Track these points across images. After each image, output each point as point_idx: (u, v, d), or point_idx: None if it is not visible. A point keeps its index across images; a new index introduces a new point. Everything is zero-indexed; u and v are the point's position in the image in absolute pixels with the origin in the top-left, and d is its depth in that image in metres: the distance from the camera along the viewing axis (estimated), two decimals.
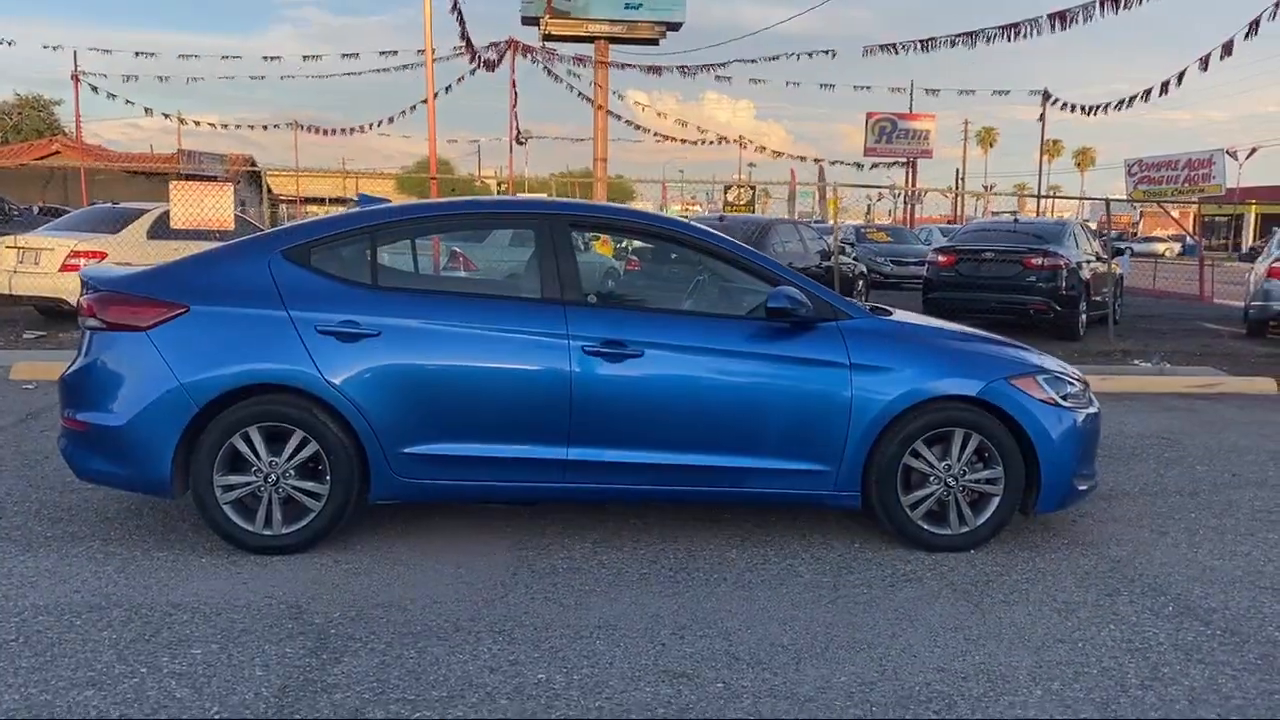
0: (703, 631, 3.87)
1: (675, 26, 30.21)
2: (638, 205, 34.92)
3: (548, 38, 30.35)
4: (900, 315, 5.33)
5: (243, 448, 4.51)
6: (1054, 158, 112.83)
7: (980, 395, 4.77)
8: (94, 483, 4.86)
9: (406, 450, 4.56)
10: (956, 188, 54.10)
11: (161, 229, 12.11)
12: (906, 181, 37.93)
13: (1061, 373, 5.04)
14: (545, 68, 32.27)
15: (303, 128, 49.04)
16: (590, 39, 32.63)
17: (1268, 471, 6.70)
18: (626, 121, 36.87)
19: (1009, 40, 20.01)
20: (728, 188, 49.77)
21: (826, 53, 24.84)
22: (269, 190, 22.89)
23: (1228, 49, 15.04)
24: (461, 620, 3.92)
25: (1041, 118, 37.32)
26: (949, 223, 38.33)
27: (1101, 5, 16.25)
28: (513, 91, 33.35)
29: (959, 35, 20.82)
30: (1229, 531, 5.33)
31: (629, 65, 30.69)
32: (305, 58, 55.12)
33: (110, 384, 4.55)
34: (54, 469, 5.87)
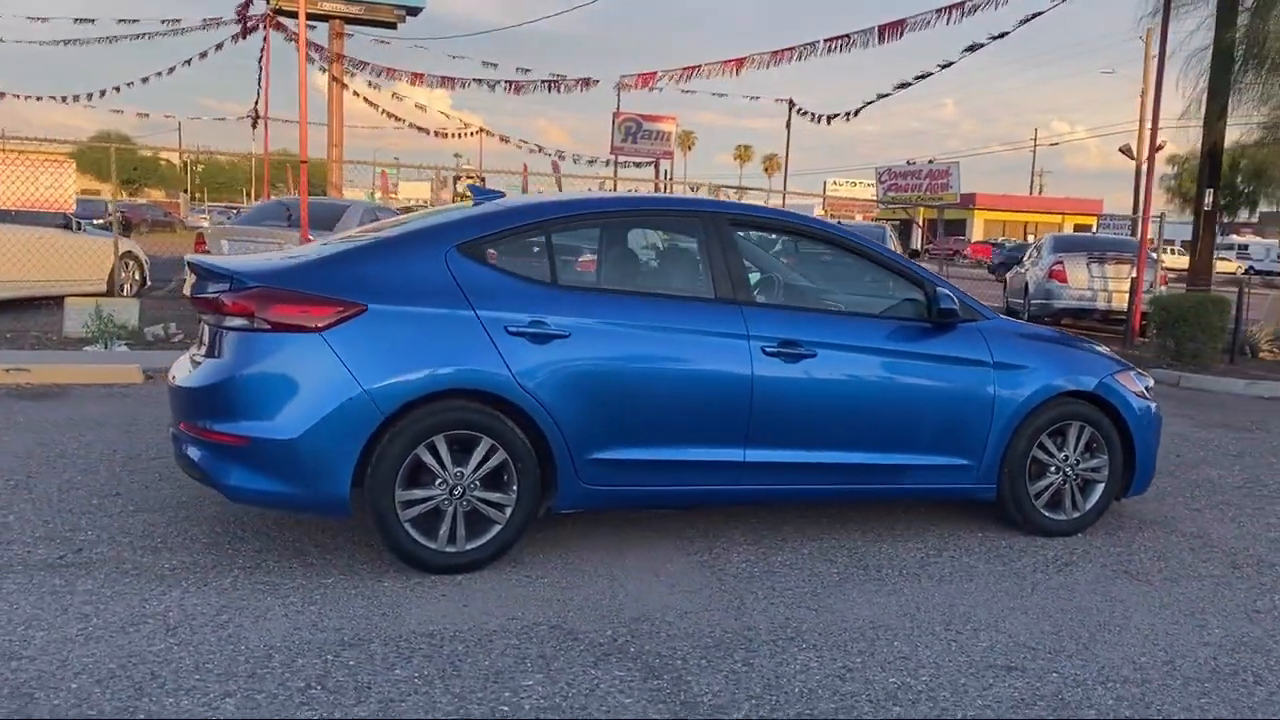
0: (974, 625, 3.97)
1: (415, 11, 29.73)
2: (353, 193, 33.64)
3: (278, 12, 28.92)
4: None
5: (428, 459, 4.13)
6: (745, 162, 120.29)
7: (1095, 390, 5.17)
8: (250, 504, 4.27)
9: (593, 456, 4.35)
10: (664, 188, 56.08)
11: None
12: (656, 180, 38.95)
13: (1141, 370, 5.54)
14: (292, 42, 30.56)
15: None
16: (325, 17, 31.29)
17: None
18: (368, 101, 35.53)
19: (773, 65, 21.27)
20: (457, 178, 49.26)
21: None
22: None
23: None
24: (736, 629, 3.80)
25: (788, 124, 39.64)
26: None
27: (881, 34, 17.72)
28: (265, 72, 31.37)
29: (726, 62, 21.86)
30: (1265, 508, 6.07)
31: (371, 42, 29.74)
32: None
33: (276, 392, 4.01)
34: (144, 486, 5.07)
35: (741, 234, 4.78)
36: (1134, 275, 14.65)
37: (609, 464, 4.38)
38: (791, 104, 31.69)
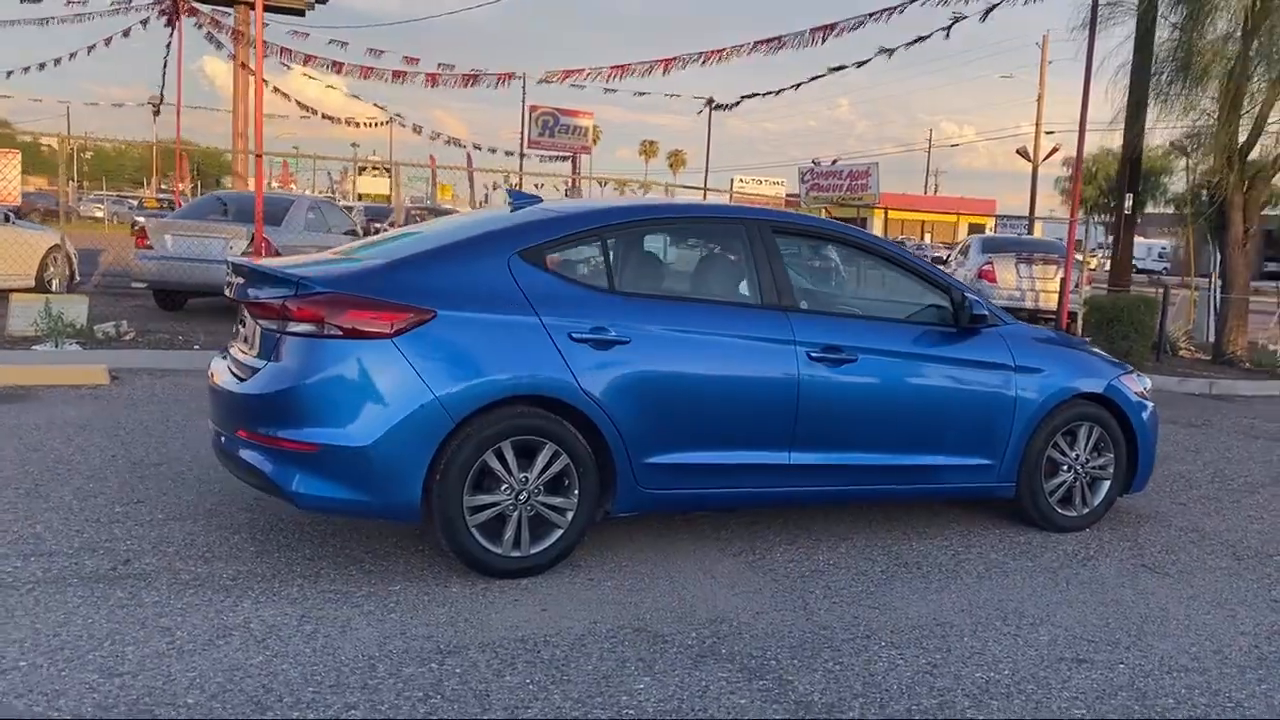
0: (1029, 620, 4.14)
1: None
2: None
3: None
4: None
5: (495, 465, 4.13)
6: (650, 158, 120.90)
7: (1104, 392, 5.42)
8: (317, 511, 4.22)
9: (650, 460, 4.40)
10: (575, 182, 56.12)
11: None
12: (574, 175, 38.91)
13: (1139, 371, 5.83)
14: (208, 32, 29.81)
15: None
16: (231, 2, 30.62)
17: None
18: (277, 90, 34.75)
19: (703, 64, 21.57)
20: (362, 169, 48.35)
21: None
22: None
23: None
24: (812, 629, 3.90)
25: (708, 121, 39.96)
26: None
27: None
28: (178, 58, 30.57)
29: (655, 61, 22.11)
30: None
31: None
32: None
33: (347, 398, 3.97)
34: (200, 490, 4.92)
35: (782, 241, 4.87)
36: (1061, 275, 15.21)
37: (664, 468, 4.44)
38: (711, 102, 32.01)
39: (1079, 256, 16.13)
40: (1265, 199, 14.15)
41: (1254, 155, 13.43)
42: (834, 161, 46.97)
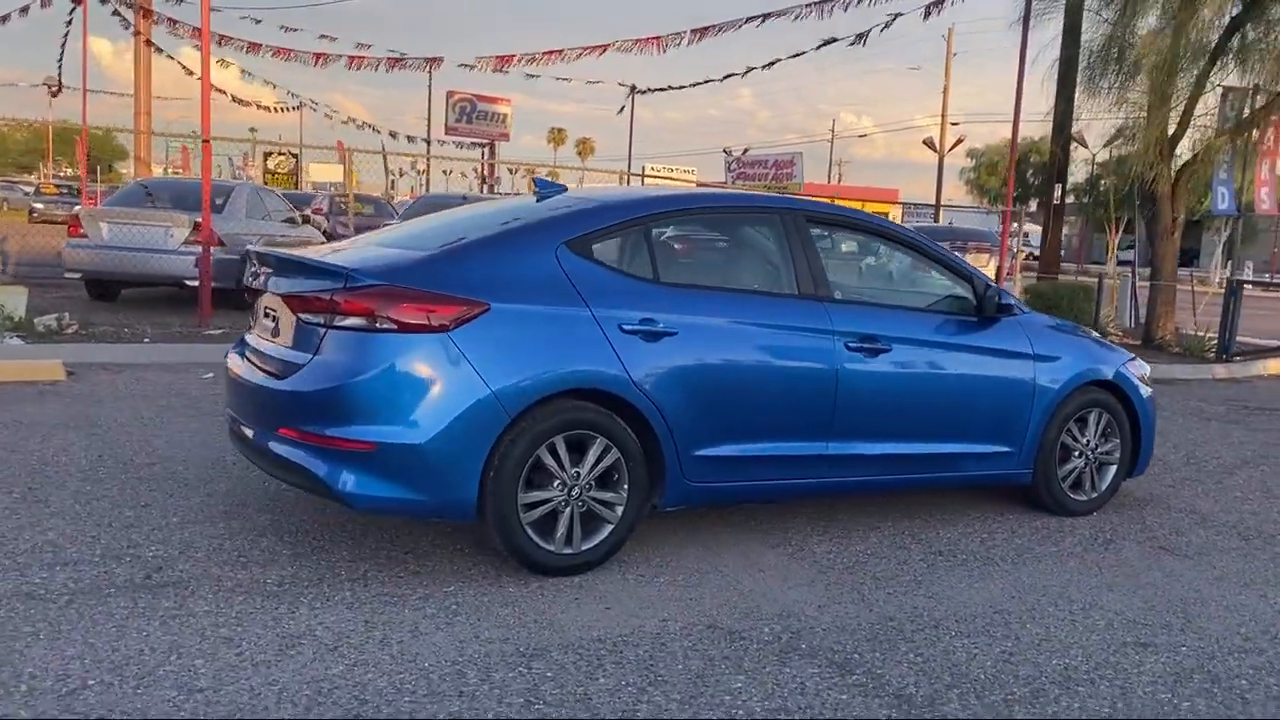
0: (1079, 605, 4.20)
1: None
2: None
3: None
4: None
5: (548, 460, 4.03)
6: (559, 145, 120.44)
7: (1113, 379, 5.53)
8: (371, 512, 4.05)
9: (697, 453, 4.35)
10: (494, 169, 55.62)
11: None
12: (491, 161, 38.50)
13: (1138, 358, 5.96)
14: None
15: None
16: None
17: None
18: (184, 68, 33.62)
19: (640, 53, 21.58)
20: (268, 154, 46.96)
21: None
22: None
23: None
24: (878, 620, 3.88)
25: (630, 109, 39.75)
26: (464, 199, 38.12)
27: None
28: (83, 35, 29.19)
29: (593, 47, 22.05)
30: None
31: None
32: None
33: (403, 395, 3.83)
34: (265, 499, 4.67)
35: (815, 230, 4.84)
36: (995, 263, 15.59)
37: (711, 460, 4.38)
38: (634, 88, 31.98)
39: (1001, 243, 16.54)
40: (1192, 189, 14.63)
41: (1182, 147, 13.89)
42: (745, 151, 47.33)
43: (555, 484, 4.05)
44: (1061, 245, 17.12)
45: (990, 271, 16.15)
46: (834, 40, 18.42)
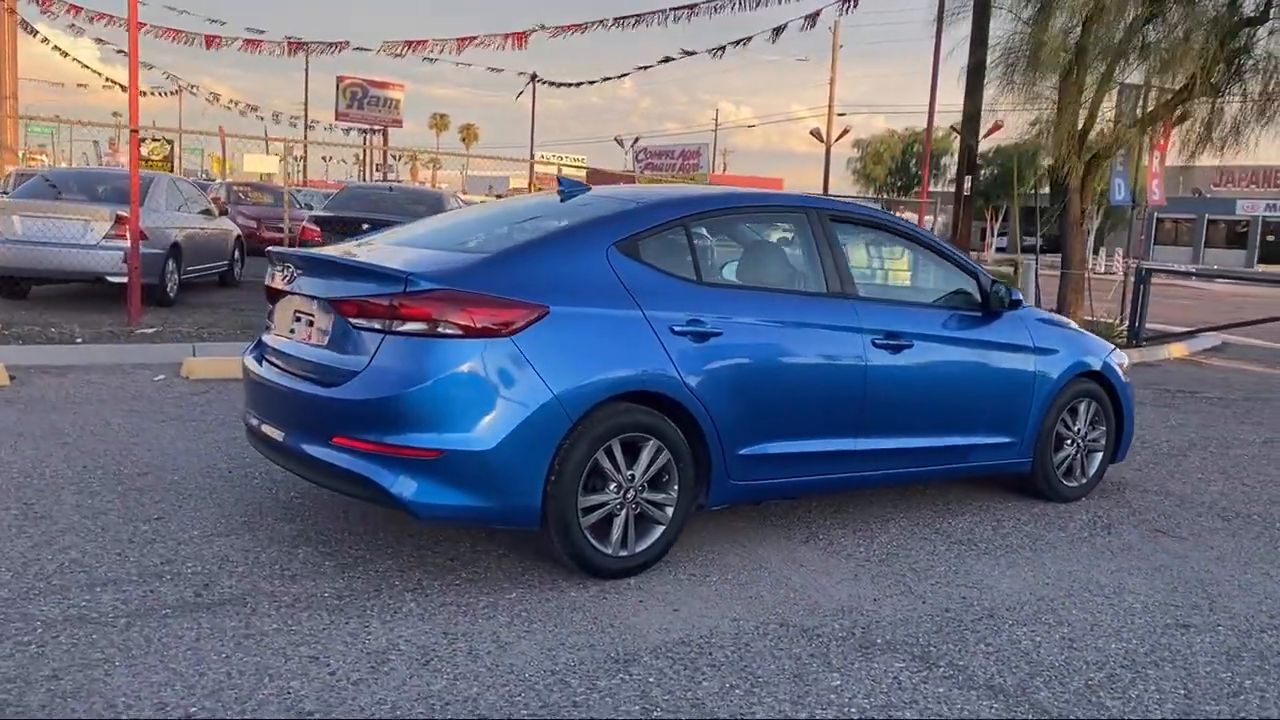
0: (1110, 589, 4.37)
1: None
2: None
3: None
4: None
5: (605, 463, 4.01)
6: (442, 131, 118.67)
7: (1101, 369, 5.77)
8: (437, 520, 3.95)
9: (741, 452, 4.38)
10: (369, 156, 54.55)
11: None
12: (383, 148, 37.63)
13: (1118, 349, 6.22)
14: None
15: None
16: None
17: None
18: (58, 49, 32.20)
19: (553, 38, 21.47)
20: (143, 140, 45.16)
21: None
22: None
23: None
24: (933, 612, 3.97)
25: (531, 96, 39.40)
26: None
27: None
28: None
29: (508, 34, 21.87)
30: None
31: None
32: None
33: (468, 400, 3.75)
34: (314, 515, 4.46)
35: (838, 229, 4.91)
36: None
37: (753, 459, 4.42)
38: (535, 77, 31.74)
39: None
40: (1099, 180, 15.26)
41: (1090, 139, 14.47)
42: (635, 140, 47.69)
43: (611, 487, 4.03)
44: (970, 233, 17.66)
45: (903, 263, 16.56)
46: (691, 53, 18.72)
